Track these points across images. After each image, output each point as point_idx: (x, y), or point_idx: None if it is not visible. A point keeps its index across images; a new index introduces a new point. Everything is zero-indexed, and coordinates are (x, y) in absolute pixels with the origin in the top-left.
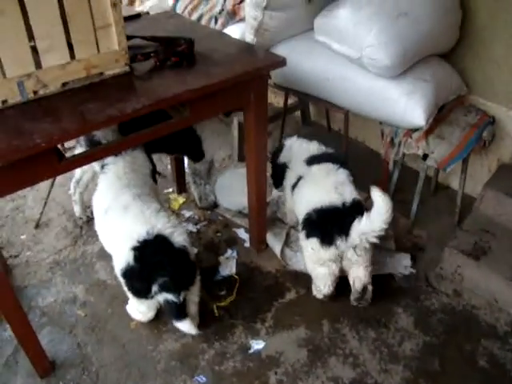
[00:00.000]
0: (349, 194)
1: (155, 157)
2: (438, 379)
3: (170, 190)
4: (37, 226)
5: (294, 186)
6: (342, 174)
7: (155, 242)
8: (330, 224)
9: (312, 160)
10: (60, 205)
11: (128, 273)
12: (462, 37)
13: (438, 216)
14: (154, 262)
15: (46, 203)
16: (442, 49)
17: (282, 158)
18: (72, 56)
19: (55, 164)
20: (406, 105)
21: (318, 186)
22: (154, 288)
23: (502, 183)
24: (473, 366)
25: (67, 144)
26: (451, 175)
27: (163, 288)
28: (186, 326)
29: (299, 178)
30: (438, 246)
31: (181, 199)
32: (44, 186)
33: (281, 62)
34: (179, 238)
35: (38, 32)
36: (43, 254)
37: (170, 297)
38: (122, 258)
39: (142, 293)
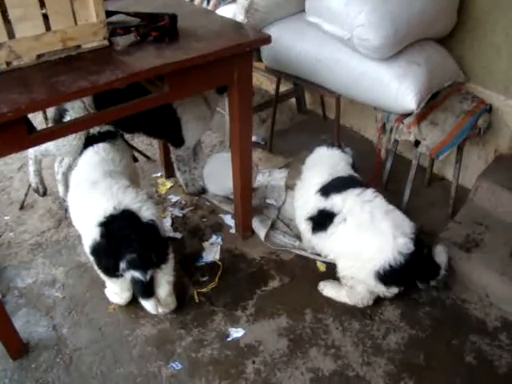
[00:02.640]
0: (408, 227)
1: (146, 141)
2: (422, 374)
3: (159, 174)
4: (21, 208)
5: (318, 223)
6: (384, 202)
7: (122, 216)
8: (412, 275)
9: (326, 190)
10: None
11: (95, 250)
12: (460, 22)
13: (431, 207)
14: (120, 238)
15: (30, 185)
16: (437, 33)
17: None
18: (47, 27)
19: (24, 136)
20: (397, 88)
21: (378, 234)
22: (122, 265)
23: (497, 174)
24: (459, 361)
25: None
26: (446, 166)
27: (130, 265)
28: (149, 306)
29: (328, 215)
30: (431, 237)
31: (168, 184)
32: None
33: (265, 39)
34: (147, 213)
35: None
36: (26, 235)
37: (136, 274)
38: (89, 234)
39: (111, 270)
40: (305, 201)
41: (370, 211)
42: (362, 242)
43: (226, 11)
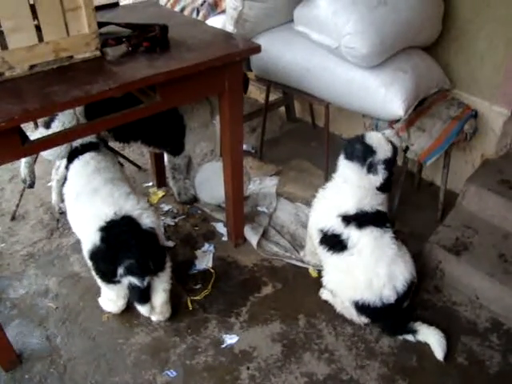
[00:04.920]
0: (401, 282)
1: (137, 150)
2: (415, 376)
3: (150, 183)
4: (13, 219)
5: (328, 241)
6: (395, 250)
7: (122, 222)
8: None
9: (348, 219)
10: (38, 197)
11: (94, 254)
12: (445, 30)
13: (420, 212)
14: (119, 243)
15: (22, 195)
16: (423, 41)
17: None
18: (40, 38)
19: (18, 146)
20: (384, 95)
21: (372, 276)
22: (120, 270)
23: (484, 179)
24: (451, 362)
25: None
26: (435, 171)
27: (128, 271)
28: (144, 310)
29: (340, 242)
30: (420, 241)
31: (160, 193)
32: None
33: (255, 49)
34: (147, 220)
35: (2, 11)
36: (18, 246)
37: (134, 280)
38: (89, 239)
39: (108, 275)
40: (324, 214)
41: (377, 258)
42: (356, 273)
43: (216, 22)
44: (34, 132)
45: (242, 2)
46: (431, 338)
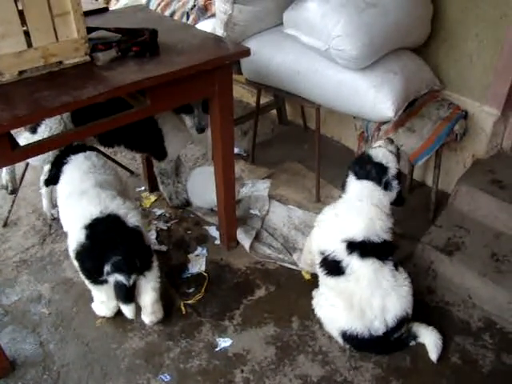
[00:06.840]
0: (392, 317)
1: (129, 155)
2: (409, 376)
3: (142, 188)
4: (5, 225)
5: (327, 265)
6: (392, 282)
7: (107, 220)
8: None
9: (353, 248)
10: (30, 203)
11: (80, 252)
12: (434, 31)
13: (412, 213)
14: (105, 240)
15: (14, 201)
16: (413, 42)
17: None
18: (29, 44)
19: (8, 152)
20: (374, 97)
21: (365, 306)
22: (106, 268)
23: (475, 179)
24: (445, 362)
25: None
26: (426, 172)
27: (114, 268)
28: (128, 310)
29: (339, 269)
30: (412, 242)
31: (152, 197)
32: None
33: (245, 52)
34: (133, 219)
35: None
36: (10, 252)
37: (120, 278)
38: (74, 237)
39: (95, 274)
40: (328, 237)
41: (373, 289)
42: (349, 297)
43: (206, 25)
44: (19, 137)
45: (232, 6)
46: (427, 338)
